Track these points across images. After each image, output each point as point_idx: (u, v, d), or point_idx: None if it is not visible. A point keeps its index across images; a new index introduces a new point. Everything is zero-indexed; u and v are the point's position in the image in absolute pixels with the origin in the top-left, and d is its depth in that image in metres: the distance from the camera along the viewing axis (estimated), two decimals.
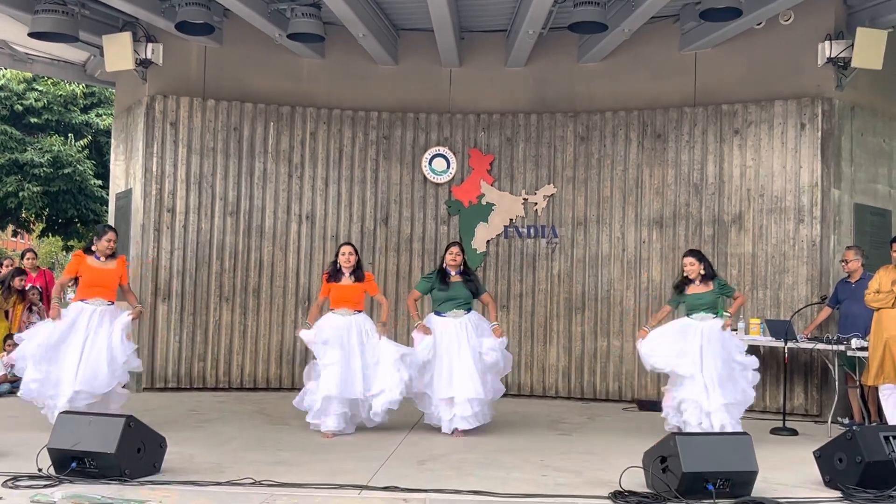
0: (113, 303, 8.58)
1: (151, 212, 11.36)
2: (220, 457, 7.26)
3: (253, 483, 6.22)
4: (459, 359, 8.75)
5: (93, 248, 8.63)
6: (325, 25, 10.81)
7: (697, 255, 8.94)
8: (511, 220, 11.90)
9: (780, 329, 9.56)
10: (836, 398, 9.51)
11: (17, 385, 10.66)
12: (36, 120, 20.29)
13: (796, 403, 10.39)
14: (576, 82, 11.97)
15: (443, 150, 11.99)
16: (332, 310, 8.85)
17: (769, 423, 9.74)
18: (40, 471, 6.22)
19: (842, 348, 9.23)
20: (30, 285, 11.67)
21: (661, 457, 6.16)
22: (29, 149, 19.56)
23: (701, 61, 11.41)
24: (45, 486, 5.94)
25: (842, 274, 10.14)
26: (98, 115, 21.33)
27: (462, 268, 9.12)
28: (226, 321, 11.59)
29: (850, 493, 6.21)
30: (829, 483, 6.49)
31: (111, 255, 8.64)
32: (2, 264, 12.32)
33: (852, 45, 10.07)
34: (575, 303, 11.70)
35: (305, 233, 11.89)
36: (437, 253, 11.89)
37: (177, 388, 11.33)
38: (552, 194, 11.82)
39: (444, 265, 9.13)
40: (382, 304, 9.25)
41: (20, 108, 20.07)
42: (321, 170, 11.94)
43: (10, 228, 23.35)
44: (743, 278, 10.89)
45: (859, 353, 9.01)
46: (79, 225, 22.24)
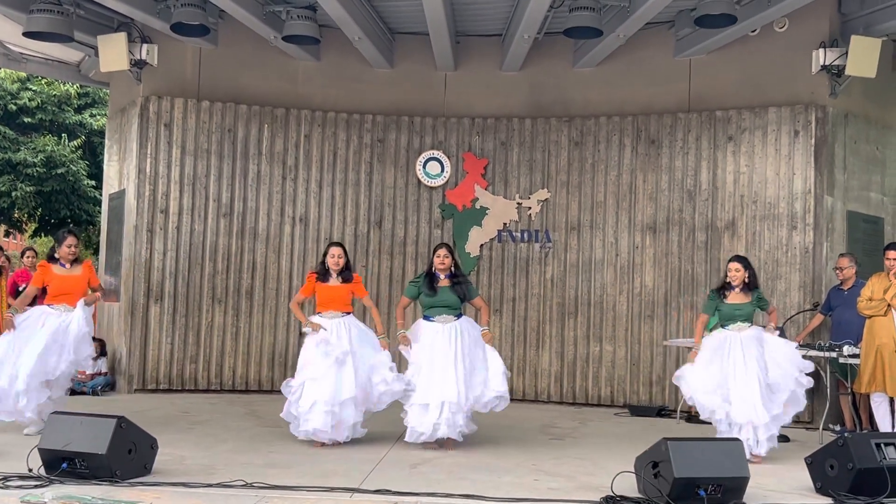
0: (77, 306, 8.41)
1: (145, 213, 11.34)
2: (211, 458, 7.24)
3: (244, 485, 6.20)
4: (444, 365, 8.19)
5: (56, 256, 8.47)
6: (320, 28, 10.80)
7: (745, 262, 8.38)
8: (505, 224, 11.91)
9: None
10: (828, 405, 9.53)
11: None
12: (30, 120, 20.25)
13: None
14: (570, 87, 11.99)
15: (437, 153, 12.00)
16: (318, 312, 8.50)
17: None
18: (31, 471, 6.20)
19: (834, 355, 9.24)
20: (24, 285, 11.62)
21: (653, 462, 6.15)
22: (22, 148, 19.51)
23: (695, 67, 11.44)
24: (35, 487, 5.91)
25: (834, 281, 10.16)
26: (92, 116, 21.29)
27: (451, 271, 8.58)
28: (218, 323, 11.57)
29: (842, 500, 6.21)
30: (821, 490, 6.49)
31: (76, 261, 8.50)
32: (24, 254, 12.34)
33: (846, 53, 10.10)
34: (568, 307, 11.70)
35: (299, 235, 11.88)
36: (430, 256, 11.84)
37: (168, 390, 11.31)
38: (546, 199, 11.83)
39: (433, 268, 8.62)
40: (374, 313, 8.81)
41: (14, 107, 20.03)
42: (315, 172, 11.94)
43: (3, 228, 23.30)
44: None
45: (851, 361, 9.02)
46: (71, 225, 22.21)
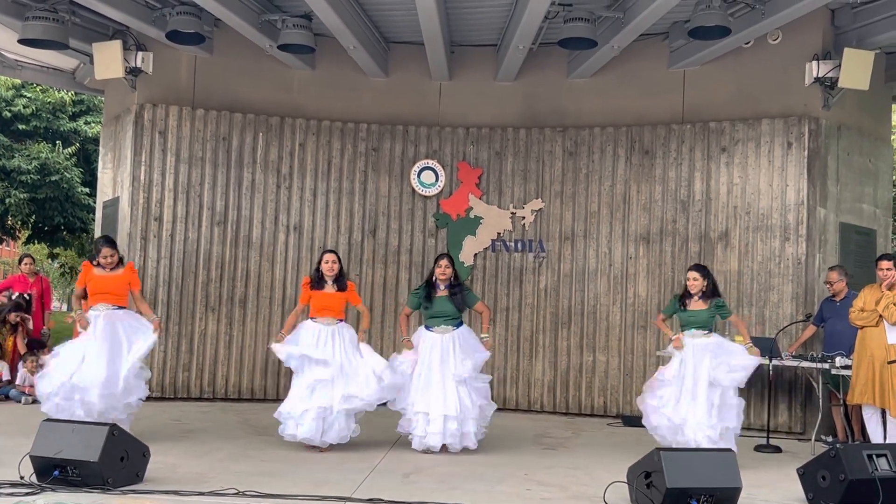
0: (122, 307, 8.55)
1: (138, 220, 11.33)
2: (203, 467, 7.23)
3: (236, 493, 6.20)
4: (440, 374, 8.55)
5: (96, 262, 8.66)
6: (315, 37, 10.83)
7: (703, 271, 8.57)
8: (499, 233, 11.92)
9: (765, 346, 9.56)
10: (820, 416, 9.54)
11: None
12: (24, 127, 20.22)
13: (780, 421, 10.42)
14: (565, 98, 12.02)
15: (431, 162, 12.01)
16: (312, 318, 8.63)
17: (753, 440, 9.76)
18: (22, 478, 6.19)
19: (826, 366, 9.27)
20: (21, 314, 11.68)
21: (646, 472, 6.16)
22: (16, 155, 19.48)
23: (689, 79, 11.48)
24: (26, 494, 5.91)
25: (827, 292, 10.19)
26: (86, 123, 21.27)
27: (451, 281, 8.84)
28: (211, 331, 11.55)
29: None
30: (813, 500, 6.51)
31: (119, 264, 8.66)
32: (22, 261, 12.40)
33: (839, 66, 10.14)
34: (561, 317, 11.71)
35: (293, 244, 11.87)
36: (424, 265, 11.90)
37: (161, 398, 11.27)
38: (540, 209, 11.85)
39: (434, 278, 8.89)
40: (364, 314, 8.98)
41: (8, 114, 20.01)
42: (310, 181, 11.94)
43: None
44: (728, 295, 10.91)
45: (843, 372, 9.04)
46: (65, 232, 22.15)
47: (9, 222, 21.32)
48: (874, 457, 6.37)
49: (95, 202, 13.65)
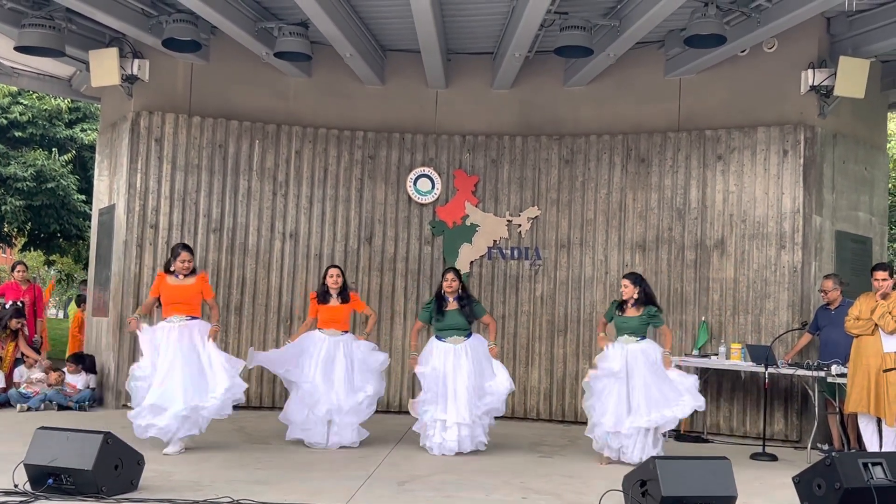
0: (196, 317, 8.67)
1: (135, 228, 11.32)
2: (198, 475, 7.22)
3: (231, 501, 6.19)
4: (454, 384, 8.99)
5: (171, 269, 8.75)
6: (312, 45, 10.84)
7: (633, 279, 9.03)
8: (495, 241, 11.92)
9: (761, 354, 9.59)
10: (816, 424, 9.53)
11: (32, 400, 10.77)
12: (20, 134, 20.18)
13: (776, 429, 10.42)
14: (561, 106, 12.03)
15: (428, 170, 12.02)
16: (319, 329, 9.31)
17: (749, 448, 9.77)
18: (16, 487, 6.18)
19: (822, 374, 9.27)
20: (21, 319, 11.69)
21: (641, 480, 6.16)
22: (12, 162, 19.43)
23: (685, 87, 11.50)
24: (21, 503, 5.89)
25: (822, 301, 10.19)
26: (83, 130, 21.23)
27: (459, 293, 9.31)
28: None
29: None
30: None
31: (191, 272, 8.76)
32: (14, 268, 12.39)
33: (835, 74, 10.16)
34: (557, 325, 11.71)
35: (289, 251, 11.87)
36: (420, 273, 11.93)
37: None
38: (536, 216, 11.86)
39: (442, 291, 9.37)
40: (371, 318, 9.88)
41: (4, 121, 19.96)
42: (306, 188, 11.94)
43: None
44: (724, 303, 10.94)
45: (839, 380, 9.05)
46: (61, 240, 22.10)
47: (5, 229, 21.26)
48: (870, 465, 6.36)
49: (91, 209, 13.64)
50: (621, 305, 8.97)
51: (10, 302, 11.88)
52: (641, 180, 11.54)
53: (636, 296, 8.87)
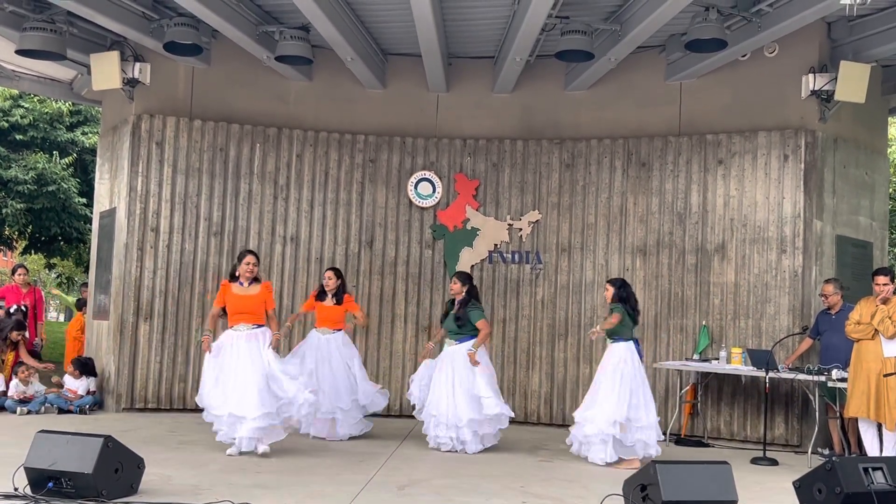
0: (262, 325, 8.73)
1: (135, 231, 11.33)
2: (198, 478, 7.21)
3: None
4: (446, 385, 9.31)
5: (236, 274, 8.77)
6: (313, 48, 10.85)
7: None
8: (496, 245, 11.93)
9: (762, 359, 9.59)
10: (817, 429, 9.53)
11: (32, 403, 10.76)
12: (21, 137, 20.19)
13: (777, 433, 10.41)
14: (562, 110, 12.04)
15: (429, 174, 12.02)
16: (315, 327, 10.01)
17: (750, 452, 9.76)
18: (16, 490, 6.17)
19: (822, 379, 9.27)
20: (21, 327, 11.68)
21: (641, 485, 6.15)
22: (13, 165, 19.44)
23: (686, 91, 11.50)
24: None
25: (822, 305, 10.19)
26: (84, 134, 21.24)
27: (463, 298, 9.53)
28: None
29: None
30: None
31: (255, 280, 8.79)
32: (15, 271, 12.40)
33: (836, 79, 10.17)
34: (558, 329, 11.70)
35: (290, 254, 11.87)
36: (421, 277, 11.94)
37: (156, 409, 11.26)
38: (537, 220, 11.85)
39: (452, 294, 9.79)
40: (360, 317, 10.28)
41: (5, 124, 19.96)
42: (307, 192, 11.94)
43: None
44: (725, 307, 10.93)
45: (840, 385, 9.04)
46: (62, 243, 22.10)
47: (6, 232, 21.27)
48: (870, 470, 6.36)
49: (92, 212, 13.64)
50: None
51: (14, 307, 11.87)
52: (642, 184, 11.54)
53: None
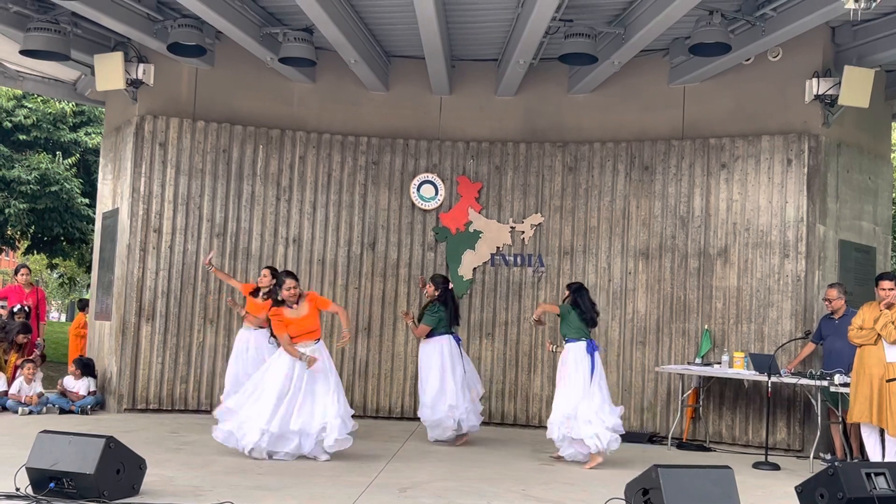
0: (320, 339, 8.78)
1: (138, 232, 11.33)
2: (200, 480, 7.21)
3: None
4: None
5: (280, 299, 8.72)
6: (316, 50, 10.86)
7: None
8: (498, 248, 11.92)
9: (764, 363, 9.58)
10: (819, 434, 9.52)
11: (38, 407, 10.78)
12: (24, 137, 20.20)
13: (779, 438, 10.40)
14: (565, 113, 12.04)
15: (431, 176, 12.02)
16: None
17: (751, 457, 9.75)
18: (18, 490, 6.17)
19: (825, 384, 9.25)
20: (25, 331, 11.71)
21: (643, 489, 6.14)
22: (17, 166, 19.45)
23: (689, 95, 11.50)
24: None
25: (825, 310, 10.18)
26: (87, 134, 21.25)
27: (433, 299, 9.97)
28: (209, 343, 11.54)
29: None
30: None
31: (300, 297, 8.72)
32: (18, 271, 12.41)
33: (839, 83, 10.17)
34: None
35: (292, 256, 11.87)
36: None
37: (158, 410, 11.26)
38: (539, 223, 11.85)
39: None
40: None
41: (9, 124, 19.98)
42: (309, 193, 11.95)
43: None
44: (727, 311, 10.92)
45: (842, 389, 9.03)
46: (64, 243, 22.10)
47: (8, 232, 21.27)
48: (872, 475, 6.35)
49: (95, 213, 13.65)
50: None
51: (17, 306, 11.88)
52: (645, 188, 11.53)
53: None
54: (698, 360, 10.81)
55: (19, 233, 21.49)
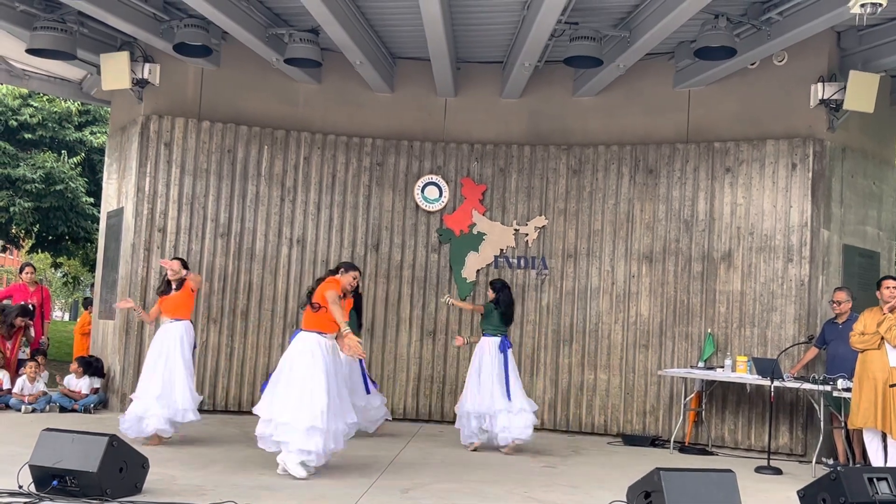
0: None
1: (142, 231, 11.35)
2: (202, 479, 7.22)
3: None
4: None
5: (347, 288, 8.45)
6: (322, 51, 10.87)
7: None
8: (502, 250, 11.93)
9: (767, 367, 9.58)
10: (821, 438, 9.51)
11: (38, 402, 10.77)
12: (30, 136, 20.25)
13: (781, 443, 10.39)
14: (570, 115, 12.04)
15: (436, 178, 12.03)
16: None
17: (754, 461, 9.74)
18: (21, 488, 6.18)
19: (828, 389, 9.25)
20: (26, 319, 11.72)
21: (646, 492, 6.14)
22: (22, 164, 19.50)
23: (694, 99, 11.50)
24: None
25: (829, 314, 10.17)
26: (92, 133, 21.30)
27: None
28: (213, 343, 11.55)
29: None
30: None
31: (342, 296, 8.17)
32: (23, 270, 12.44)
33: (845, 88, 10.17)
34: (563, 335, 11.69)
35: (296, 257, 11.88)
36: (426, 281, 11.95)
37: None
38: (543, 226, 11.85)
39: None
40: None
41: (14, 123, 20.03)
42: (314, 194, 11.96)
43: (0, 244, 23.24)
44: (731, 315, 10.92)
45: (845, 394, 9.02)
46: (69, 242, 22.15)
47: (13, 231, 21.33)
48: (875, 480, 6.35)
49: (100, 212, 13.68)
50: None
51: (22, 303, 11.91)
52: (649, 191, 11.53)
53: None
54: (701, 364, 10.81)
55: (24, 231, 21.55)
